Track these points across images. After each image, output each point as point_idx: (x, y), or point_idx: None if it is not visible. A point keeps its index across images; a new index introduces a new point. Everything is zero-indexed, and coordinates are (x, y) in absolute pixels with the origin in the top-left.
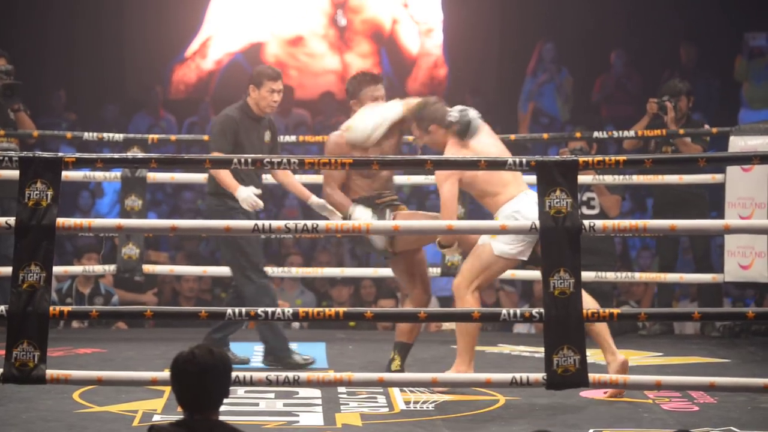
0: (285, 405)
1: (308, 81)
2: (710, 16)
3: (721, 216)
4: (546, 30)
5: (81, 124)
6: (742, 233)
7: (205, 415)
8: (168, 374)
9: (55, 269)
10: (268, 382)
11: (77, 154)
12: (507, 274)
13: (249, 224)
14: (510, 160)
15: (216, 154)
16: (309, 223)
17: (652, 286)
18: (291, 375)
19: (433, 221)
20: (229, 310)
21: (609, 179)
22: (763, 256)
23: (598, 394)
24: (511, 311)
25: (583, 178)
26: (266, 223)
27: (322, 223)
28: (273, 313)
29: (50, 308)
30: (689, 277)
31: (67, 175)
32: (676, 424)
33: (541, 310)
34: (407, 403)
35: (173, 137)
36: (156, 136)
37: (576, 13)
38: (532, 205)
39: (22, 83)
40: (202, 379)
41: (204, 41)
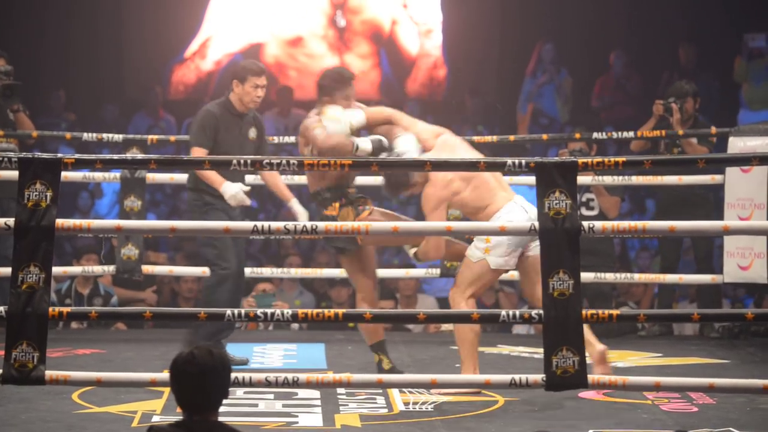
0: (284, 406)
1: (308, 81)
2: (710, 17)
3: (721, 217)
4: (545, 31)
5: (80, 124)
6: (742, 234)
7: (205, 416)
8: (167, 375)
9: (55, 270)
10: (267, 383)
11: (76, 155)
12: (506, 275)
13: (248, 225)
14: (509, 161)
15: (196, 150)
16: (308, 224)
17: (651, 287)
18: (290, 376)
19: (432, 222)
20: (228, 311)
21: (608, 180)
22: (762, 257)
23: (597, 395)
24: (511, 312)
25: (582, 179)
26: (265, 224)
27: (321, 224)
28: (272, 314)
29: (49, 309)
30: (688, 278)
31: (66, 175)
32: (675, 425)
33: (541, 312)
34: (406, 404)
35: (173, 138)
36: (155, 137)
37: (575, 14)
38: (521, 211)
39: (22, 83)
40: (201, 380)
41: (203, 42)
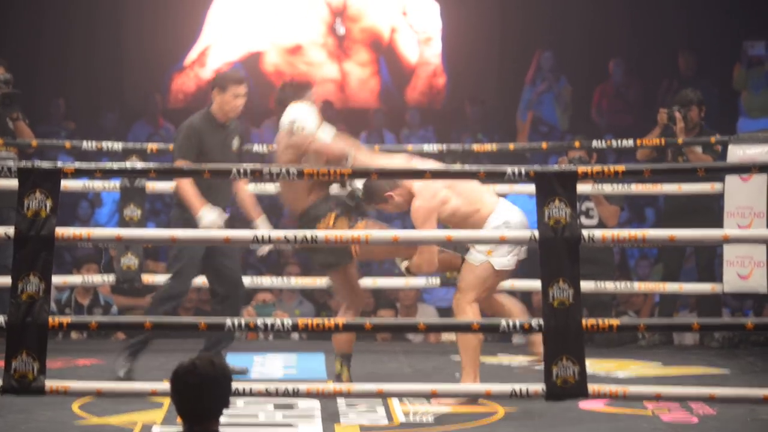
0: (284, 416)
1: None
2: (709, 25)
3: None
4: (545, 38)
5: (80, 132)
6: (741, 243)
7: (205, 426)
8: (167, 385)
9: (54, 279)
10: (267, 394)
11: (76, 164)
12: (506, 284)
13: (248, 234)
14: (509, 170)
15: (180, 163)
16: (308, 233)
17: (651, 296)
18: (290, 386)
19: (433, 231)
20: (228, 321)
21: (608, 189)
22: (762, 265)
23: (597, 405)
24: (511, 322)
25: (582, 188)
26: (265, 233)
27: (321, 234)
28: (272, 324)
29: (49, 319)
30: (688, 287)
31: (66, 184)
32: None
33: (541, 321)
34: (406, 415)
35: (172, 146)
36: (155, 146)
37: (575, 22)
38: (513, 211)
39: (21, 92)
40: (202, 390)
41: (203, 50)
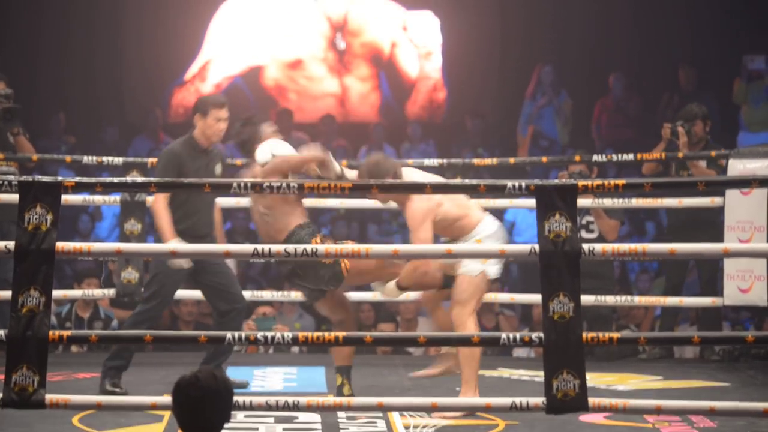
0: (284, 430)
1: (307, 104)
2: (709, 40)
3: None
4: (545, 53)
5: (80, 147)
6: (741, 257)
7: None
8: (168, 399)
9: (55, 293)
10: (268, 407)
11: (77, 179)
12: (507, 297)
13: (248, 248)
14: (509, 184)
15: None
16: (308, 247)
17: (652, 310)
18: (291, 399)
19: (433, 245)
20: (228, 334)
21: (608, 203)
22: (762, 279)
23: (597, 418)
24: (511, 335)
25: (582, 202)
26: (266, 247)
27: (321, 248)
28: (272, 337)
29: (50, 333)
30: (688, 301)
31: (66, 198)
32: None
33: (541, 335)
34: (407, 428)
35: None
36: (155, 160)
37: (575, 36)
38: (498, 224)
39: (21, 107)
40: (204, 403)
41: (203, 64)
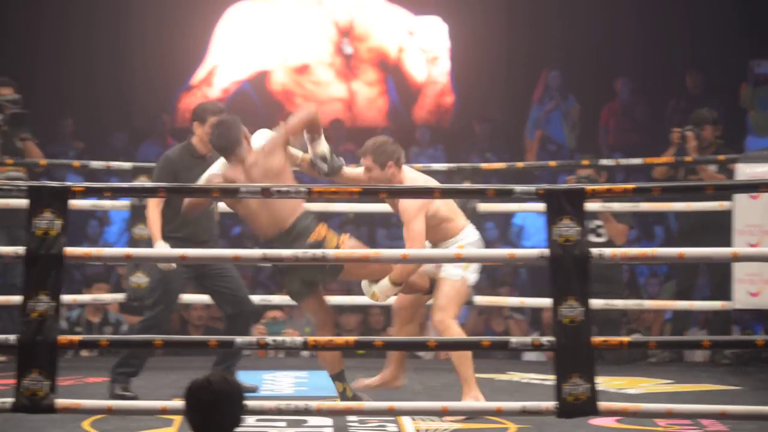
0: None
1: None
2: (716, 44)
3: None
4: (552, 57)
5: (89, 152)
6: (750, 261)
7: None
8: (178, 403)
9: (64, 298)
10: (279, 411)
11: (86, 184)
12: (516, 301)
13: (257, 253)
14: (518, 188)
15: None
16: (318, 252)
17: (661, 314)
18: (301, 404)
19: (442, 250)
20: (238, 338)
21: (617, 207)
22: None
23: (608, 422)
24: (521, 339)
25: (590, 206)
26: (275, 251)
27: (330, 252)
28: (282, 342)
29: (60, 337)
30: (698, 305)
31: (75, 203)
32: None
33: (551, 339)
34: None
35: None
36: None
37: (582, 41)
38: (479, 236)
39: (29, 112)
40: (216, 407)
41: (210, 69)
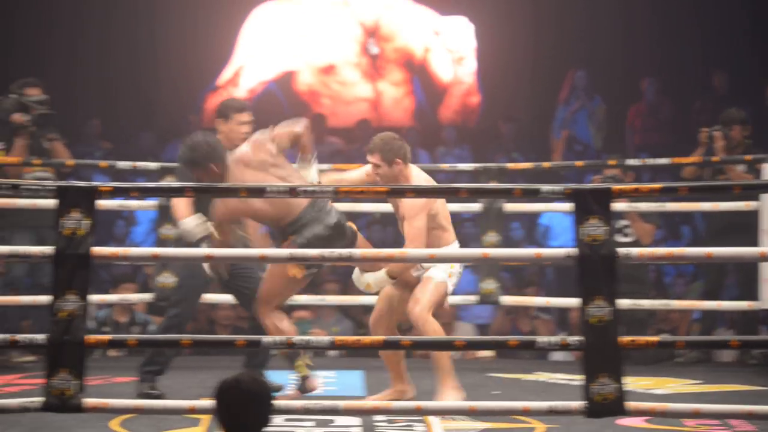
0: None
1: (341, 109)
2: (742, 44)
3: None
4: (578, 58)
5: (116, 152)
6: None
7: None
8: (206, 403)
9: (92, 298)
10: (306, 411)
11: (113, 183)
12: (543, 301)
13: (284, 252)
14: (544, 188)
15: None
16: (344, 251)
17: (688, 314)
18: (329, 403)
19: (470, 249)
20: (264, 338)
21: (643, 207)
22: None
23: (635, 422)
24: (549, 339)
25: (617, 206)
26: (302, 251)
27: (357, 251)
28: (309, 341)
29: (88, 337)
30: (726, 305)
31: (102, 203)
32: None
33: (579, 338)
34: (445, 431)
35: None
36: None
37: (608, 41)
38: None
39: (57, 112)
40: (246, 406)
41: (236, 70)
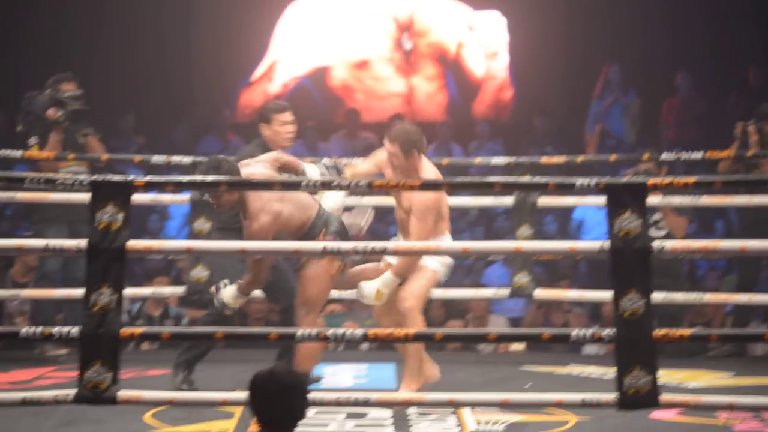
0: (355, 426)
1: (374, 104)
2: None
3: None
4: (611, 52)
5: (150, 147)
6: None
7: None
8: (239, 395)
9: (125, 291)
10: (338, 403)
11: (147, 178)
12: (576, 295)
13: (318, 246)
14: (579, 182)
15: None
16: (378, 244)
17: (722, 308)
18: (361, 396)
19: (504, 242)
20: (298, 331)
21: (676, 200)
22: None
23: (668, 414)
24: (582, 332)
25: (650, 200)
26: (335, 245)
27: (391, 244)
28: (342, 334)
29: (122, 330)
30: (760, 298)
31: (136, 198)
32: None
33: (612, 331)
34: (477, 424)
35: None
36: None
37: (642, 35)
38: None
39: (91, 107)
40: (282, 398)
41: (270, 65)
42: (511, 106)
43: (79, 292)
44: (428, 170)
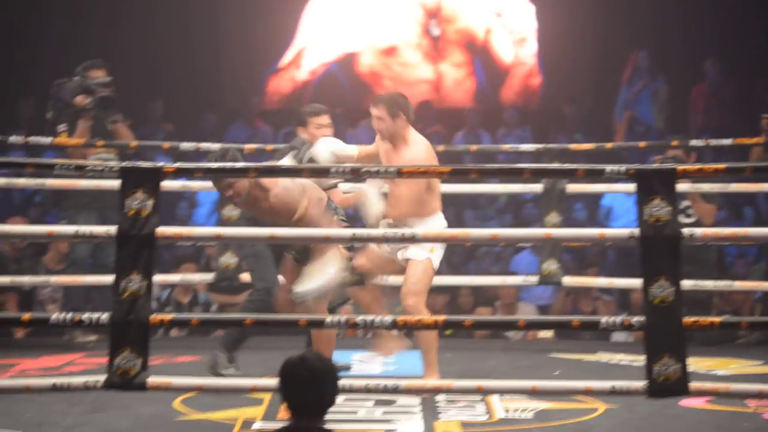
0: (384, 413)
1: (402, 90)
2: None
3: None
4: (640, 38)
5: (178, 134)
6: None
7: (313, 421)
8: (268, 381)
9: (155, 278)
10: (367, 390)
11: (177, 164)
12: (604, 282)
13: (347, 233)
14: (608, 168)
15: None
16: (407, 231)
17: (751, 295)
18: (390, 383)
19: (531, 229)
20: (327, 318)
21: (705, 187)
22: None
23: (698, 402)
24: (611, 319)
25: (679, 186)
26: (364, 231)
27: (419, 231)
28: (372, 321)
29: (151, 316)
30: None
31: (165, 185)
32: None
33: (642, 319)
34: (506, 411)
35: (269, 147)
36: (252, 146)
37: (670, 22)
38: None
39: (117, 95)
40: (313, 385)
41: (298, 52)
42: (540, 93)
43: (108, 278)
44: (417, 139)
